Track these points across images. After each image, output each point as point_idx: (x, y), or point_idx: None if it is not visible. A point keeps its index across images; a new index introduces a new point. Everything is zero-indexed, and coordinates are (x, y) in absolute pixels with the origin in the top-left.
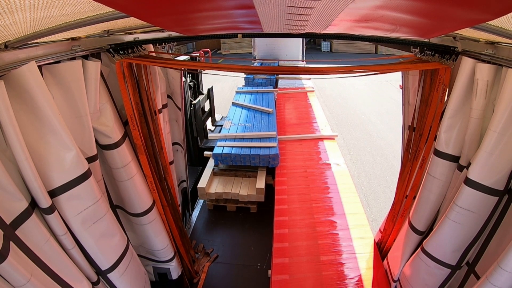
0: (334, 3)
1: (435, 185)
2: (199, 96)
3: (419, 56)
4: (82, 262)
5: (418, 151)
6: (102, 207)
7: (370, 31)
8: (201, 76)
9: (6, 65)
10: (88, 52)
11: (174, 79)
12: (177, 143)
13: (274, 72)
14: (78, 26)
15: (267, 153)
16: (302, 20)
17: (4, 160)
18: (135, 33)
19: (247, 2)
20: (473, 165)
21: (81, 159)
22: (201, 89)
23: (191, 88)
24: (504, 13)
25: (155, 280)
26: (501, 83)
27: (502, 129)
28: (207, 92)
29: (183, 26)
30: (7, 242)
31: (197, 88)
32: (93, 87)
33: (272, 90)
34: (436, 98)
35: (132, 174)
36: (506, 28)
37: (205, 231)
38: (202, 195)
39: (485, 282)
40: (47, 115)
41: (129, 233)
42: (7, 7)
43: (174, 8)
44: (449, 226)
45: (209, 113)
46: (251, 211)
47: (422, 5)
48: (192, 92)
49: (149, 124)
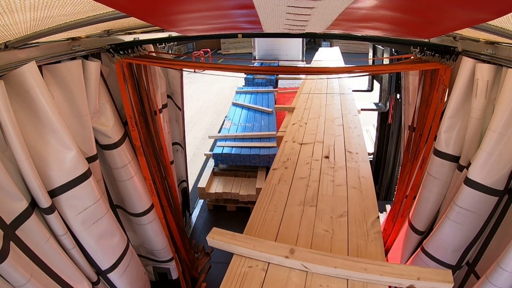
0: (334, 3)
1: (435, 185)
2: None
3: (419, 56)
4: (82, 262)
5: (418, 151)
6: (102, 207)
7: (370, 31)
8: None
9: (6, 65)
10: (88, 52)
11: (174, 79)
12: (177, 143)
13: (274, 72)
14: (78, 26)
15: (267, 153)
16: (302, 20)
17: (4, 160)
18: (135, 33)
19: (247, 2)
20: (473, 165)
21: (81, 159)
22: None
23: None
24: (504, 13)
25: (155, 280)
26: (501, 83)
27: (502, 129)
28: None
29: (183, 26)
30: (7, 242)
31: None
32: (93, 87)
33: (272, 90)
34: (436, 98)
35: (132, 174)
36: (506, 28)
37: (205, 231)
38: (202, 195)
39: (485, 282)
40: (47, 115)
41: (129, 233)
42: (7, 7)
43: (174, 8)
44: (449, 226)
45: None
46: (251, 211)
47: (422, 5)
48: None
49: (149, 124)
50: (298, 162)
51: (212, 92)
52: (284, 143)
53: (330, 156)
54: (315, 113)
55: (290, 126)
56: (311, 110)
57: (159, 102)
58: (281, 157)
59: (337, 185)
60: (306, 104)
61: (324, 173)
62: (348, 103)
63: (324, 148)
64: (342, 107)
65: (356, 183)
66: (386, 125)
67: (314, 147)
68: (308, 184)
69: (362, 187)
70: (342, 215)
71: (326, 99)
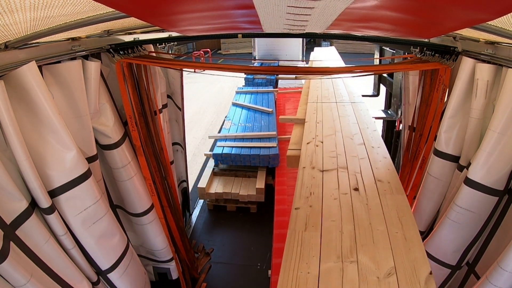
0: (334, 3)
1: (435, 185)
2: None
3: (419, 56)
4: (82, 262)
5: (418, 151)
6: (102, 207)
7: (370, 31)
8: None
9: (6, 65)
10: (88, 52)
11: (174, 79)
12: (177, 143)
13: (274, 72)
14: (78, 26)
15: (267, 153)
16: (302, 20)
17: (4, 160)
18: (135, 33)
19: (247, 2)
20: (473, 165)
21: (81, 159)
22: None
23: None
24: (504, 13)
25: (155, 280)
26: (501, 83)
27: (502, 129)
28: None
29: (183, 26)
30: (7, 242)
31: None
32: (93, 87)
33: (272, 90)
34: (436, 98)
35: (132, 174)
36: (506, 28)
37: (205, 231)
38: (202, 195)
39: (485, 282)
40: (47, 115)
41: (129, 233)
42: (7, 7)
43: (174, 8)
44: (449, 226)
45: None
46: (251, 211)
47: (422, 5)
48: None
49: (149, 124)
50: (324, 197)
51: (212, 92)
52: (302, 170)
53: (360, 187)
54: (330, 128)
55: (305, 146)
56: (324, 124)
57: (159, 102)
58: (302, 190)
59: (376, 229)
60: (317, 116)
61: (358, 212)
62: (363, 115)
63: (350, 176)
64: (358, 119)
65: (396, 224)
66: (394, 132)
67: (338, 174)
68: (341, 229)
69: (405, 231)
70: (390, 273)
71: (338, 110)
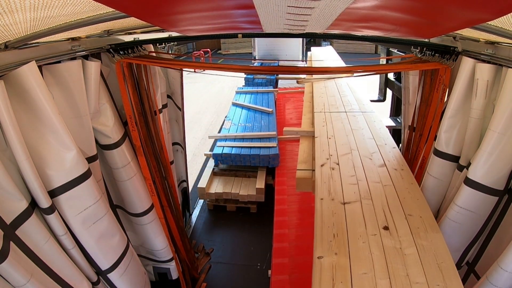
0: (334, 3)
1: (435, 185)
2: None
3: (419, 56)
4: (82, 262)
5: (418, 151)
6: (102, 207)
7: (370, 31)
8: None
9: (6, 65)
10: (88, 52)
11: (174, 79)
12: (177, 143)
13: (274, 72)
14: (78, 26)
15: (267, 153)
16: (302, 20)
17: (4, 160)
18: (135, 33)
19: (247, 2)
20: (473, 165)
21: (81, 159)
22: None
23: None
24: (504, 13)
25: (155, 280)
26: (501, 83)
27: (502, 129)
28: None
29: (183, 26)
30: (7, 242)
31: None
32: (93, 87)
33: (272, 90)
34: (436, 98)
35: (132, 174)
36: (506, 28)
37: (205, 231)
38: (202, 195)
39: (485, 282)
40: (47, 115)
41: (129, 233)
42: (7, 7)
43: (174, 8)
44: (449, 226)
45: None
46: (251, 211)
47: (422, 5)
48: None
49: (149, 124)
50: (350, 240)
51: (212, 92)
52: (320, 202)
53: (389, 224)
54: (344, 145)
55: (319, 170)
56: (337, 139)
57: (159, 102)
58: (323, 230)
59: (415, 283)
60: (327, 129)
61: (391, 259)
62: (377, 127)
63: (377, 210)
64: (373, 134)
65: (437, 275)
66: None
67: (362, 208)
68: (376, 285)
69: (447, 283)
70: None
71: (349, 121)
